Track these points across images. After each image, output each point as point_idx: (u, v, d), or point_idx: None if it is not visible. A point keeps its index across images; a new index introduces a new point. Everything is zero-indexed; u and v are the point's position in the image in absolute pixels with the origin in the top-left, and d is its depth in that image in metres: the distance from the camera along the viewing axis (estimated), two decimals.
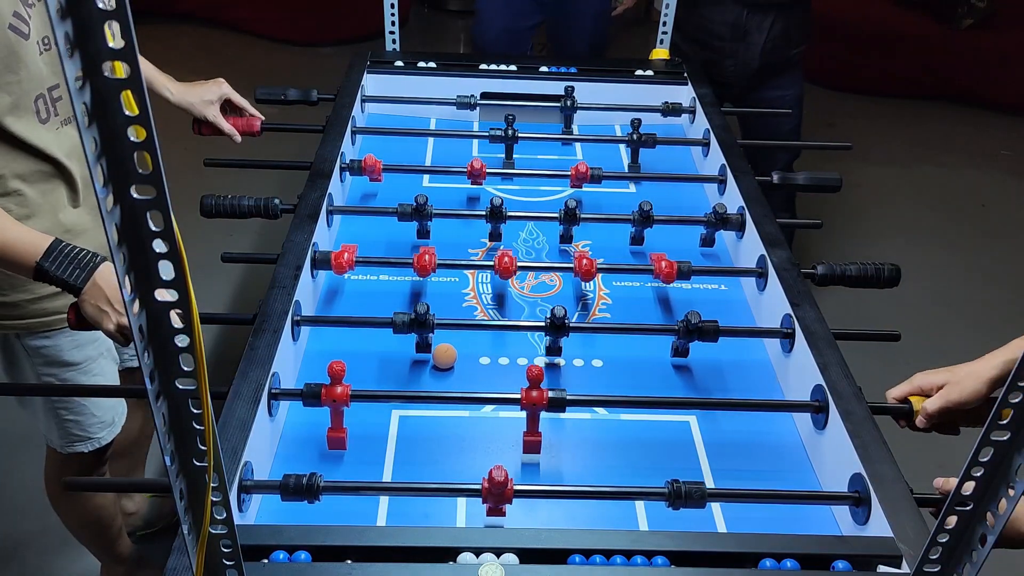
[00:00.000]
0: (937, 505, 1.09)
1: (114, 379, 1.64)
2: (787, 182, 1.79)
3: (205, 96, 1.76)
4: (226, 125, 1.78)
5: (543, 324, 1.35)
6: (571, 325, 1.35)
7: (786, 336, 1.38)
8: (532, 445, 1.22)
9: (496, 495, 1.05)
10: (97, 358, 1.57)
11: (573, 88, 2.09)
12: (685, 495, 1.06)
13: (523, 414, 1.21)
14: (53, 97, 1.37)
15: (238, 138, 1.82)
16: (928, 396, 1.22)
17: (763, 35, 2.47)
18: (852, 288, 1.51)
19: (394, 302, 1.53)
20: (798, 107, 2.62)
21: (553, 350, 1.39)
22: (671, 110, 2.07)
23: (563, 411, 1.21)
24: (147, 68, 1.66)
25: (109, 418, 1.64)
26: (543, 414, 1.21)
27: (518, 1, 2.79)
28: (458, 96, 2.05)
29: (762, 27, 2.46)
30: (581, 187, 1.78)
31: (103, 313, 1.23)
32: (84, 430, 1.61)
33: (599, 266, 1.50)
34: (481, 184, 1.78)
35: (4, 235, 1.22)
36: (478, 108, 2.11)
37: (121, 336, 1.25)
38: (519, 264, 1.50)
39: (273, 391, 1.20)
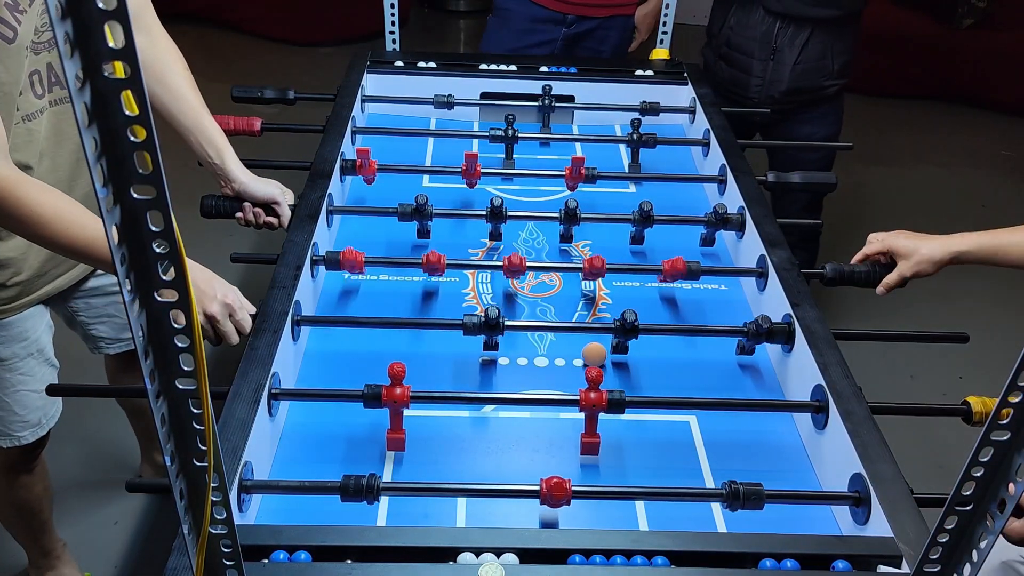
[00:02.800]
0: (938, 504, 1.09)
1: (46, 382, 1.60)
2: (782, 182, 1.79)
3: (264, 194, 1.61)
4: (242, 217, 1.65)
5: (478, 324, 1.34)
6: (505, 325, 1.33)
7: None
8: (590, 447, 1.21)
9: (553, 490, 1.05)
10: (25, 357, 1.56)
11: (551, 87, 2.08)
12: (744, 496, 1.06)
13: (524, 414, 1.21)
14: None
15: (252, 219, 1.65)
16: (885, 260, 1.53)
17: (795, 53, 2.27)
18: (860, 288, 1.51)
19: (395, 302, 1.53)
20: (829, 150, 2.42)
21: (490, 346, 1.38)
22: (649, 109, 2.05)
23: (622, 412, 1.20)
24: (221, 140, 1.59)
25: (35, 419, 1.63)
26: (544, 414, 1.21)
27: (528, 35, 2.57)
28: (435, 96, 2.05)
29: (794, 44, 2.26)
30: (576, 189, 1.78)
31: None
32: (5, 426, 1.60)
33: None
34: (474, 188, 1.77)
35: (91, 231, 1.24)
36: (477, 108, 2.12)
37: (210, 326, 1.30)
38: (527, 264, 1.50)
39: (273, 391, 1.20)
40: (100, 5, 0.50)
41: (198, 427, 0.67)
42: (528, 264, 1.49)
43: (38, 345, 1.58)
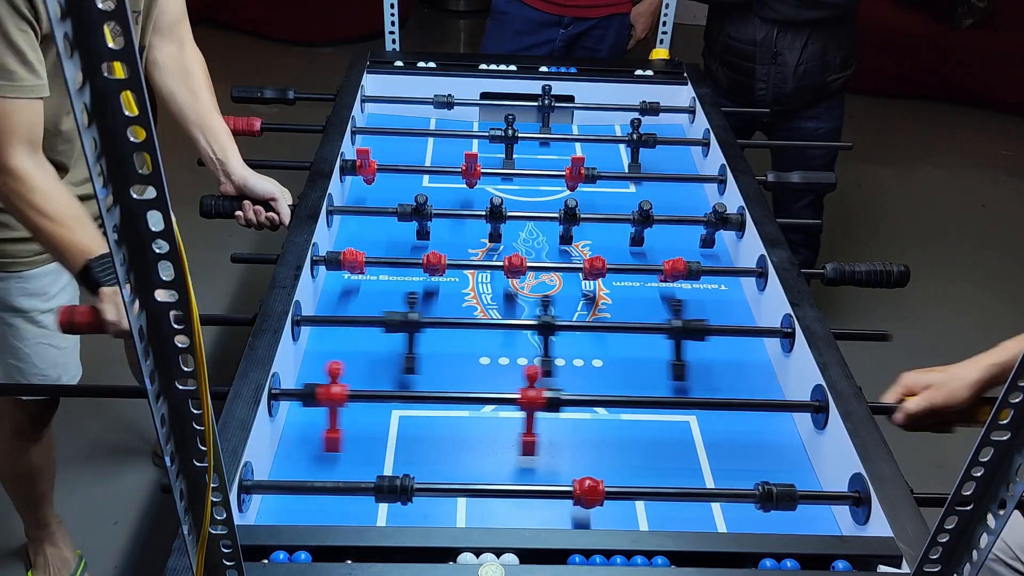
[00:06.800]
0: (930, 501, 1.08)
1: (67, 342, 1.65)
2: (781, 181, 1.79)
3: (264, 190, 1.62)
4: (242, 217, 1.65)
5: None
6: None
7: (786, 336, 1.38)
8: (529, 446, 1.21)
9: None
10: (46, 311, 1.58)
11: (551, 87, 2.09)
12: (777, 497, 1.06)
13: (525, 414, 1.21)
14: None
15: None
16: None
17: (796, 55, 2.29)
18: (860, 288, 1.51)
19: (395, 302, 1.53)
20: (832, 147, 2.41)
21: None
22: (649, 109, 2.05)
23: (558, 411, 1.20)
24: (226, 139, 1.62)
25: (54, 375, 1.65)
26: (544, 414, 1.21)
27: (526, 37, 2.59)
28: (435, 96, 2.05)
29: (794, 46, 2.29)
30: (576, 189, 1.78)
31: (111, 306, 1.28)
32: (25, 378, 1.63)
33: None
34: (474, 188, 1.77)
35: (76, 235, 1.28)
36: (477, 108, 2.12)
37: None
38: (528, 264, 1.50)
39: (273, 391, 1.20)
40: (100, 5, 0.50)
41: (198, 427, 0.67)
42: (528, 264, 1.49)
43: (59, 303, 1.59)
